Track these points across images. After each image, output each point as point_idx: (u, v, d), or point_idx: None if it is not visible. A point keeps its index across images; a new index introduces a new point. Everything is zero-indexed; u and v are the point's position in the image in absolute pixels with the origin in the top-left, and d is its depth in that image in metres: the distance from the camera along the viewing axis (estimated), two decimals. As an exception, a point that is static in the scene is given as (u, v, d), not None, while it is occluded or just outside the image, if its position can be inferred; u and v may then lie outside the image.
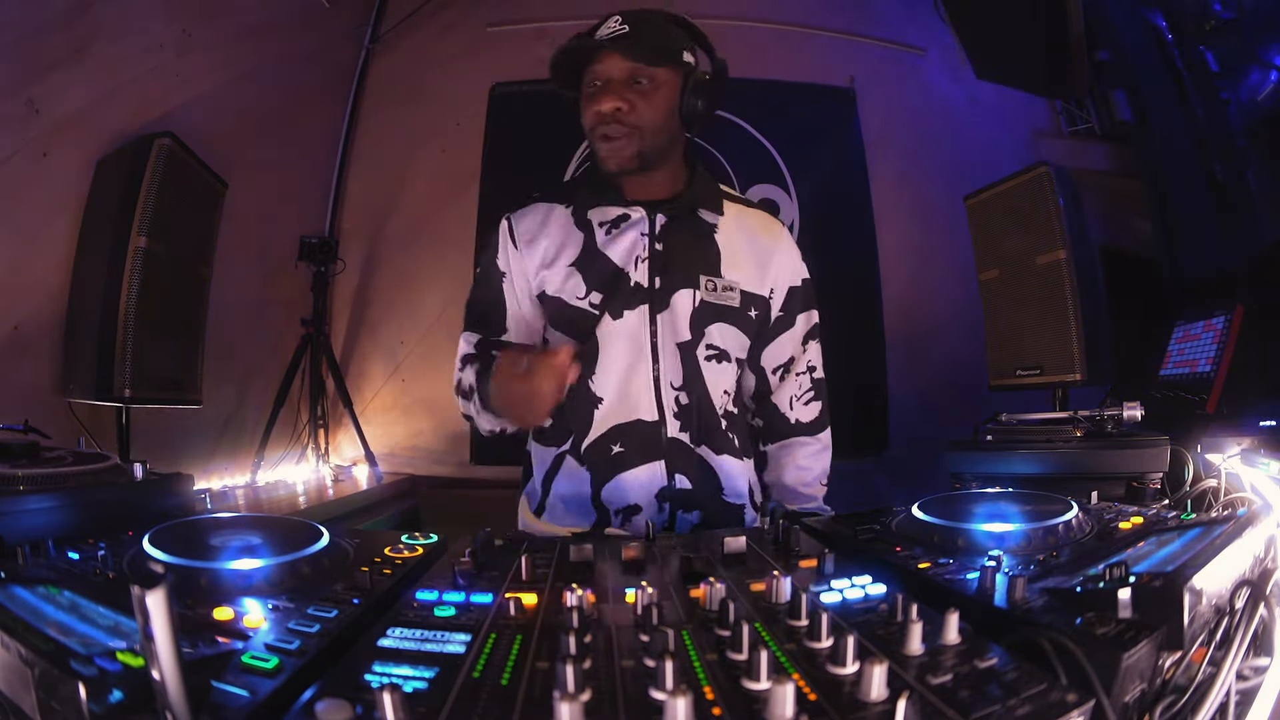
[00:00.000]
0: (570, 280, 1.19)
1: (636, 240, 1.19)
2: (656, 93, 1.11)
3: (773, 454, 1.34)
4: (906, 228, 3.34)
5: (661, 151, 1.16)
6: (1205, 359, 1.98)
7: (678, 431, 1.19)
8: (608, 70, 1.10)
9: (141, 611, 0.36)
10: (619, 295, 1.18)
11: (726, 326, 1.21)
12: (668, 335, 1.18)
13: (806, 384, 1.34)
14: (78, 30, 1.96)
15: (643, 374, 1.18)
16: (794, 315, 1.31)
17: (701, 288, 1.19)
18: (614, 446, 1.19)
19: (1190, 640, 0.52)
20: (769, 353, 1.31)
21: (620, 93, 1.09)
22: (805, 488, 1.31)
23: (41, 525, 0.79)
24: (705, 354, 1.20)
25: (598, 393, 1.19)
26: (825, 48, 3.36)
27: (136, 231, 1.95)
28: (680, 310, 1.18)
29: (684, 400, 1.19)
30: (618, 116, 1.10)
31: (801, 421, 1.32)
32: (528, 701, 0.43)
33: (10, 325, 1.95)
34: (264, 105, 2.78)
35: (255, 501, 2.14)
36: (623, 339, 1.17)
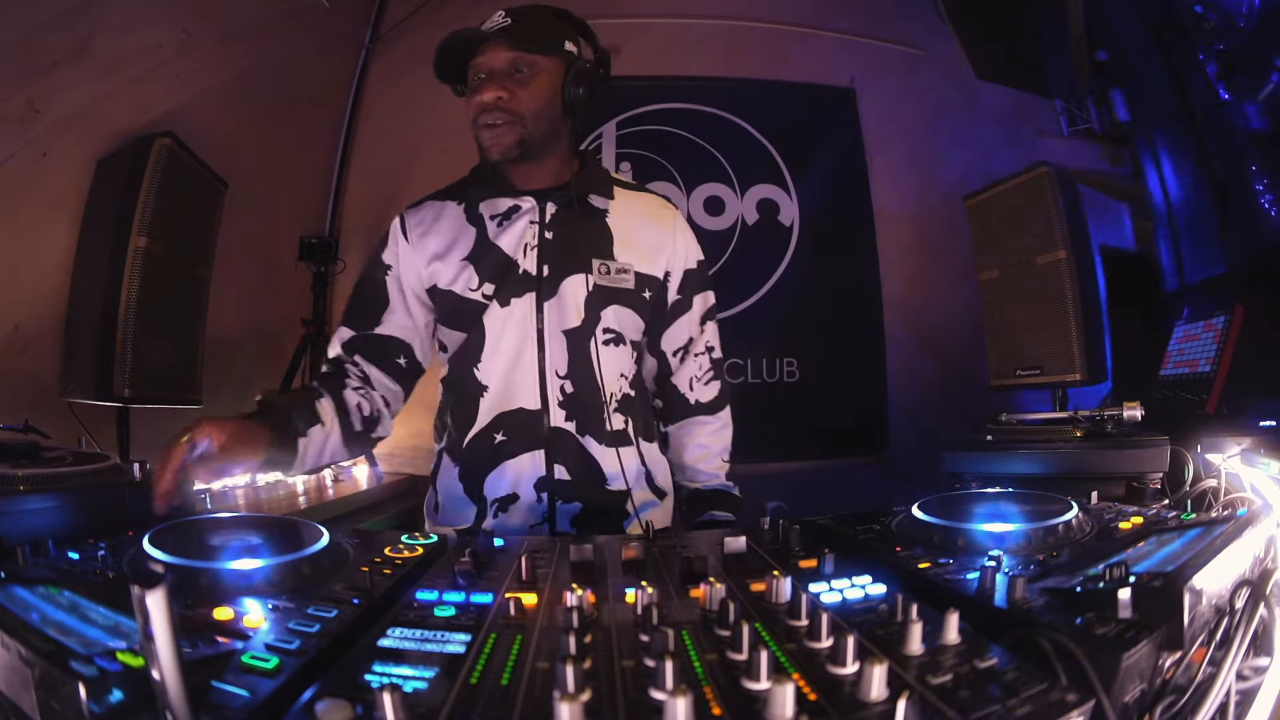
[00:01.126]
0: (463, 273, 1.19)
1: (525, 229, 1.20)
2: (536, 80, 1.12)
3: (674, 434, 1.36)
4: (906, 228, 3.34)
5: (544, 139, 1.16)
6: (1205, 359, 1.98)
7: (562, 421, 1.19)
8: (489, 62, 1.12)
9: (141, 611, 0.36)
10: (508, 284, 1.18)
11: (622, 309, 1.22)
12: (554, 323, 1.18)
13: (706, 364, 1.34)
14: (78, 30, 1.96)
15: (528, 362, 1.18)
16: (690, 297, 1.31)
17: (594, 271, 1.19)
18: (497, 435, 1.19)
19: (1190, 640, 0.52)
20: (668, 335, 1.31)
21: (501, 82, 1.11)
22: (706, 464, 1.33)
23: (41, 525, 0.79)
24: (603, 338, 1.20)
25: (483, 380, 1.20)
26: (825, 48, 3.36)
27: (136, 231, 1.94)
28: (570, 297, 1.19)
29: (569, 389, 1.19)
30: (499, 104, 1.11)
31: (701, 401, 1.33)
32: (528, 701, 0.43)
33: (10, 325, 1.95)
34: (264, 105, 2.78)
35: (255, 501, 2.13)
36: (509, 326, 1.18)
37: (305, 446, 1.05)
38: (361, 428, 1.16)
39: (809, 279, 3.26)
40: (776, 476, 3.12)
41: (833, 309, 3.27)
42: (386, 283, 1.23)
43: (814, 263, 3.27)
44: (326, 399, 1.12)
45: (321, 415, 1.09)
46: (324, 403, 1.11)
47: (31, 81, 1.88)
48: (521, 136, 1.13)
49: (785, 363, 3.22)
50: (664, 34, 3.26)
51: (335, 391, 1.14)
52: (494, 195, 1.22)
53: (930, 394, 3.24)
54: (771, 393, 3.19)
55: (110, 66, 2.08)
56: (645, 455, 1.28)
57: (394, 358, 1.23)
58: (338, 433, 1.11)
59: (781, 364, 3.22)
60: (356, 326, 1.23)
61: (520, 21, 1.11)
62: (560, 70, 1.15)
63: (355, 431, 1.14)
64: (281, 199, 3.08)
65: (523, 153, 1.14)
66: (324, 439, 1.09)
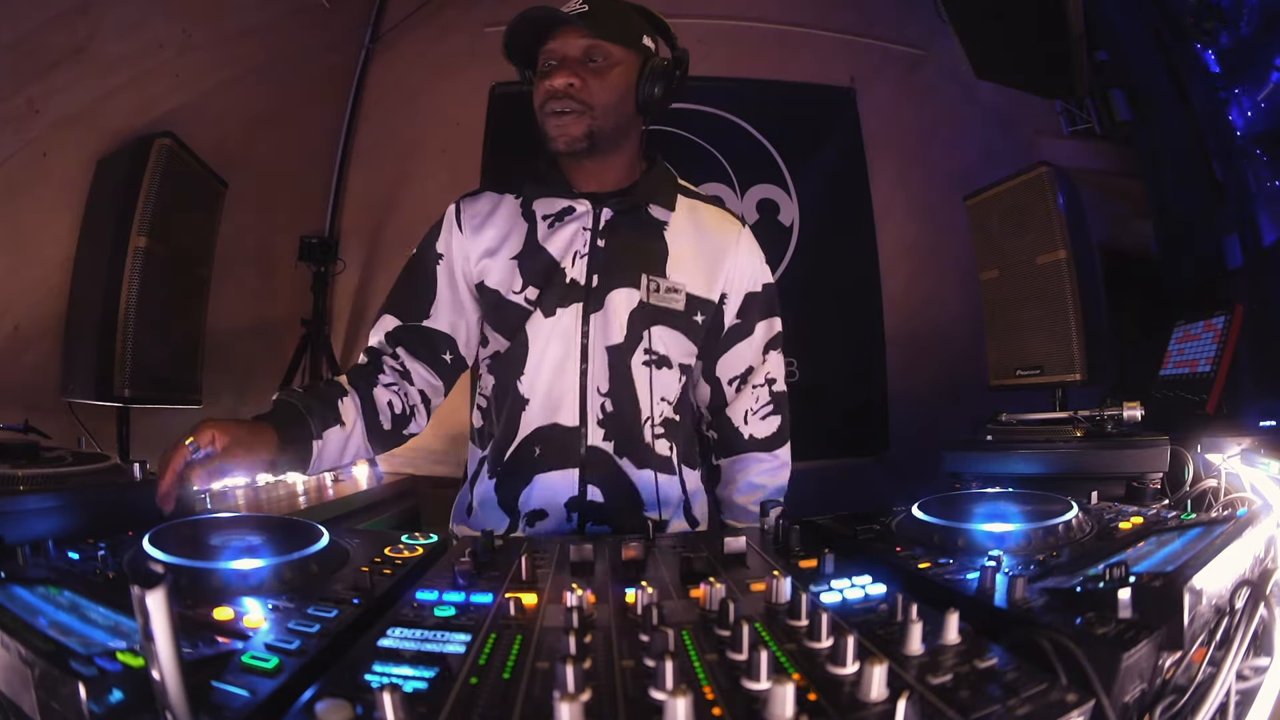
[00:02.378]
0: (510, 273, 1.14)
1: (577, 234, 1.14)
2: (611, 72, 1.07)
3: (725, 468, 1.28)
4: (906, 228, 3.34)
5: (613, 136, 1.10)
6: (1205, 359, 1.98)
7: (600, 440, 1.13)
8: (563, 47, 1.06)
9: (141, 611, 0.36)
10: (552, 291, 1.12)
11: (668, 330, 1.15)
12: (599, 337, 1.12)
13: (765, 397, 1.25)
14: (78, 30, 1.96)
15: (570, 376, 1.13)
16: (752, 323, 1.23)
17: (643, 288, 1.13)
18: (536, 449, 1.14)
19: (1190, 640, 0.52)
20: (724, 362, 1.23)
21: (574, 69, 1.05)
22: (755, 506, 1.22)
23: (41, 525, 0.79)
24: (643, 359, 1.14)
25: (525, 394, 1.14)
26: (825, 48, 3.36)
27: (136, 231, 1.94)
28: (615, 311, 1.12)
29: (609, 408, 1.13)
30: (569, 92, 1.05)
31: (755, 437, 1.25)
32: (528, 701, 0.43)
33: (10, 325, 1.95)
34: (264, 105, 2.78)
35: (255, 501, 2.13)
36: (554, 338, 1.12)
37: (320, 449, 1.02)
38: (391, 426, 1.11)
39: (809, 279, 3.25)
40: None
41: (833, 309, 3.27)
42: (437, 272, 1.18)
43: (814, 263, 3.27)
44: (351, 397, 1.07)
45: (343, 415, 1.05)
46: (347, 402, 1.06)
47: (31, 81, 1.88)
48: (590, 128, 1.07)
49: (785, 363, 3.22)
50: (664, 34, 3.26)
51: (364, 389, 1.09)
52: (550, 194, 1.16)
53: (930, 394, 3.24)
54: (771, 393, 3.19)
55: (110, 66, 2.08)
56: (686, 483, 1.22)
57: (439, 352, 1.17)
58: (360, 432, 1.07)
59: (781, 364, 3.22)
60: (402, 316, 1.17)
61: (599, 9, 1.05)
62: (636, 65, 1.09)
63: (383, 430, 1.10)
64: (281, 199, 3.08)
65: (590, 146, 1.08)
66: (343, 440, 1.05)
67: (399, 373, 1.15)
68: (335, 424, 1.04)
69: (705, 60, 3.29)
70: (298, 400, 1.02)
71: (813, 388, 3.23)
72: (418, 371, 1.16)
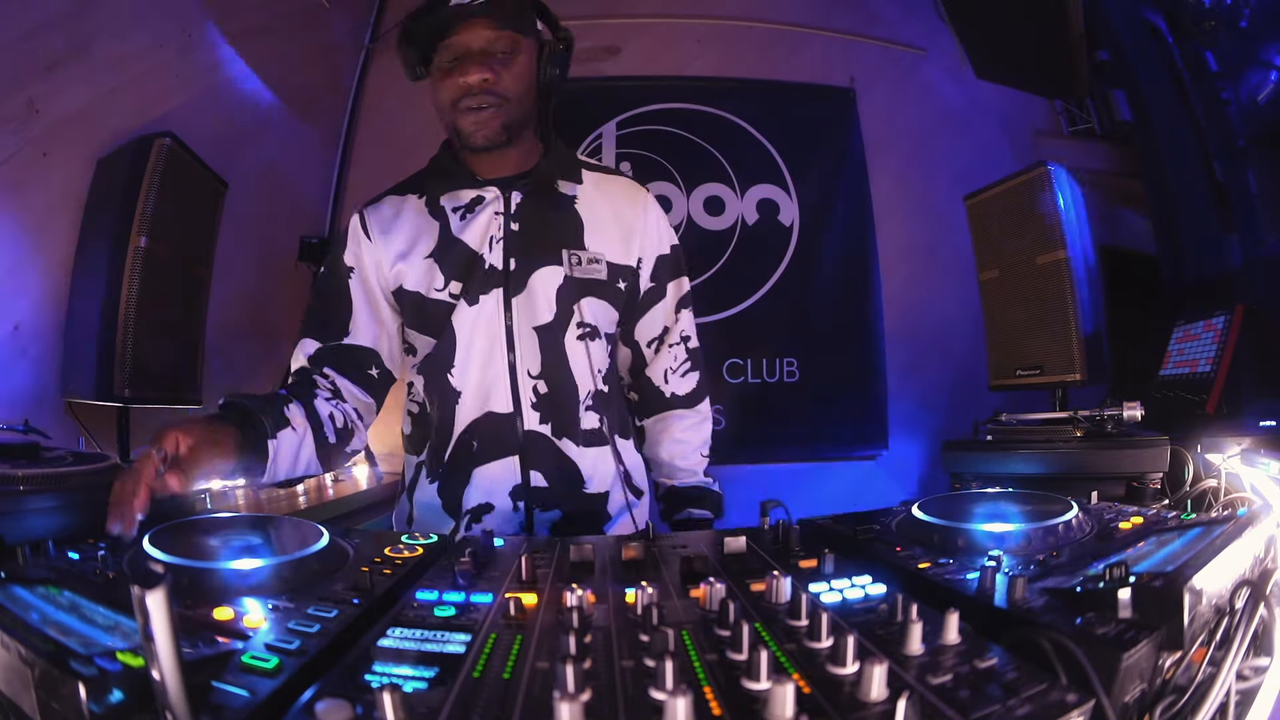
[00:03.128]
0: (428, 272, 1.13)
1: (490, 220, 1.13)
2: (518, 61, 1.06)
3: (650, 428, 1.30)
4: (906, 228, 3.34)
5: (523, 124, 1.11)
6: (1205, 359, 1.98)
7: (537, 424, 1.13)
8: (468, 40, 1.04)
9: (141, 611, 0.36)
10: (474, 280, 1.12)
11: (596, 301, 1.15)
12: (524, 319, 1.12)
13: (682, 354, 1.27)
14: (78, 30, 1.96)
15: (498, 363, 1.12)
16: (664, 284, 1.25)
17: (566, 263, 1.13)
18: (474, 442, 1.13)
19: (1190, 640, 0.52)
20: (642, 325, 1.25)
21: (486, 63, 1.03)
22: (684, 460, 1.27)
23: (41, 525, 0.79)
24: (577, 334, 1.14)
25: (456, 387, 1.13)
26: (825, 48, 3.36)
27: (136, 231, 1.94)
28: (540, 291, 1.12)
29: (543, 389, 1.13)
30: (485, 87, 1.04)
31: (677, 394, 1.27)
32: (528, 701, 0.43)
33: (10, 325, 1.95)
34: (264, 105, 2.78)
35: (255, 501, 2.13)
36: (478, 326, 1.12)
37: (276, 450, 0.97)
38: (335, 439, 1.08)
39: (809, 279, 3.25)
40: (776, 476, 3.12)
41: (833, 309, 3.27)
42: (350, 287, 1.15)
43: (814, 263, 3.27)
44: (297, 405, 1.03)
45: (292, 420, 1.00)
46: (294, 408, 1.02)
47: (31, 81, 1.88)
48: (506, 120, 1.07)
49: (785, 363, 3.22)
50: (664, 34, 3.26)
51: (305, 399, 1.06)
52: (455, 187, 1.15)
53: (930, 394, 3.24)
54: (771, 393, 3.19)
55: (110, 66, 2.08)
56: (622, 454, 1.22)
57: (365, 369, 1.15)
58: (310, 441, 1.03)
59: (781, 364, 3.22)
60: (322, 337, 1.15)
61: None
62: (534, 50, 1.09)
63: (329, 443, 1.06)
64: (281, 199, 3.08)
65: (508, 138, 1.08)
66: (296, 445, 1.00)
67: (332, 389, 1.12)
68: (286, 427, 0.99)
69: (705, 60, 3.30)
70: (247, 402, 0.98)
71: (813, 388, 3.24)
72: (348, 389, 1.14)
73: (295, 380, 1.13)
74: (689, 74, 3.27)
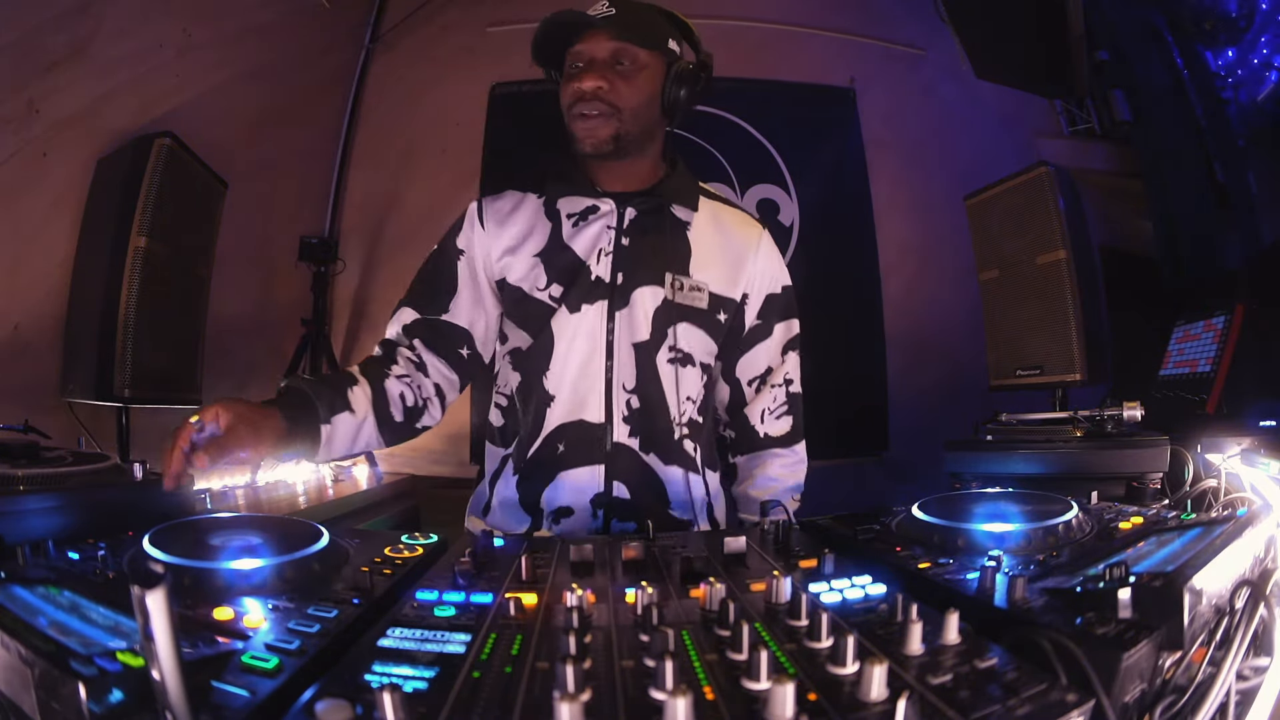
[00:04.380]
0: (533, 270, 1.15)
1: (601, 233, 1.15)
2: (639, 75, 1.08)
3: (743, 465, 1.29)
4: (906, 228, 3.34)
5: (639, 138, 1.12)
6: (1205, 359, 1.98)
7: (626, 437, 1.14)
8: (591, 50, 1.07)
9: (141, 611, 0.36)
10: (577, 288, 1.13)
11: (692, 329, 1.16)
12: (624, 334, 1.14)
13: (781, 397, 1.27)
14: (78, 30, 1.96)
15: (595, 373, 1.13)
16: (771, 324, 1.25)
17: (667, 286, 1.14)
18: (559, 445, 1.14)
19: (1190, 640, 0.52)
20: (744, 363, 1.25)
21: (602, 72, 1.06)
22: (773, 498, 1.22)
23: (41, 525, 0.79)
24: (668, 356, 1.15)
25: (550, 391, 1.14)
26: (825, 48, 3.36)
27: (136, 231, 1.94)
28: (640, 308, 1.14)
29: (635, 404, 1.14)
30: (598, 94, 1.06)
31: (770, 435, 1.26)
32: (528, 701, 0.43)
33: (10, 325, 1.95)
34: (264, 105, 2.78)
35: (255, 501, 2.13)
36: (579, 335, 1.13)
37: (330, 434, 0.99)
38: (403, 418, 1.09)
39: (809, 279, 3.24)
40: (776, 476, 3.12)
41: (833, 309, 3.27)
42: (458, 267, 1.18)
43: (814, 263, 3.27)
44: (362, 386, 1.06)
45: (353, 403, 1.03)
46: (357, 390, 1.05)
47: (31, 81, 1.88)
48: (617, 131, 1.08)
49: (785, 363, 3.22)
50: (664, 34, 3.26)
51: (375, 379, 1.08)
52: (573, 193, 1.17)
53: (930, 394, 3.24)
54: (771, 393, 3.19)
55: (110, 66, 2.08)
56: (709, 485, 1.23)
57: (457, 347, 1.17)
58: (372, 422, 1.05)
59: (781, 364, 3.22)
60: (421, 309, 1.17)
61: (626, 11, 1.07)
62: (662, 68, 1.11)
63: (395, 421, 1.09)
64: (281, 199, 3.08)
65: (616, 148, 1.09)
66: (355, 427, 1.03)
67: (415, 364, 1.14)
68: (344, 410, 1.02)
69: (705, 60, 3.30)
70: (305, 385, 1.01)
71: (813, 388, 3.21)
72: (434, 365, 1.15)
73: (378, 353, 1.15)
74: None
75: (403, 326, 1.17)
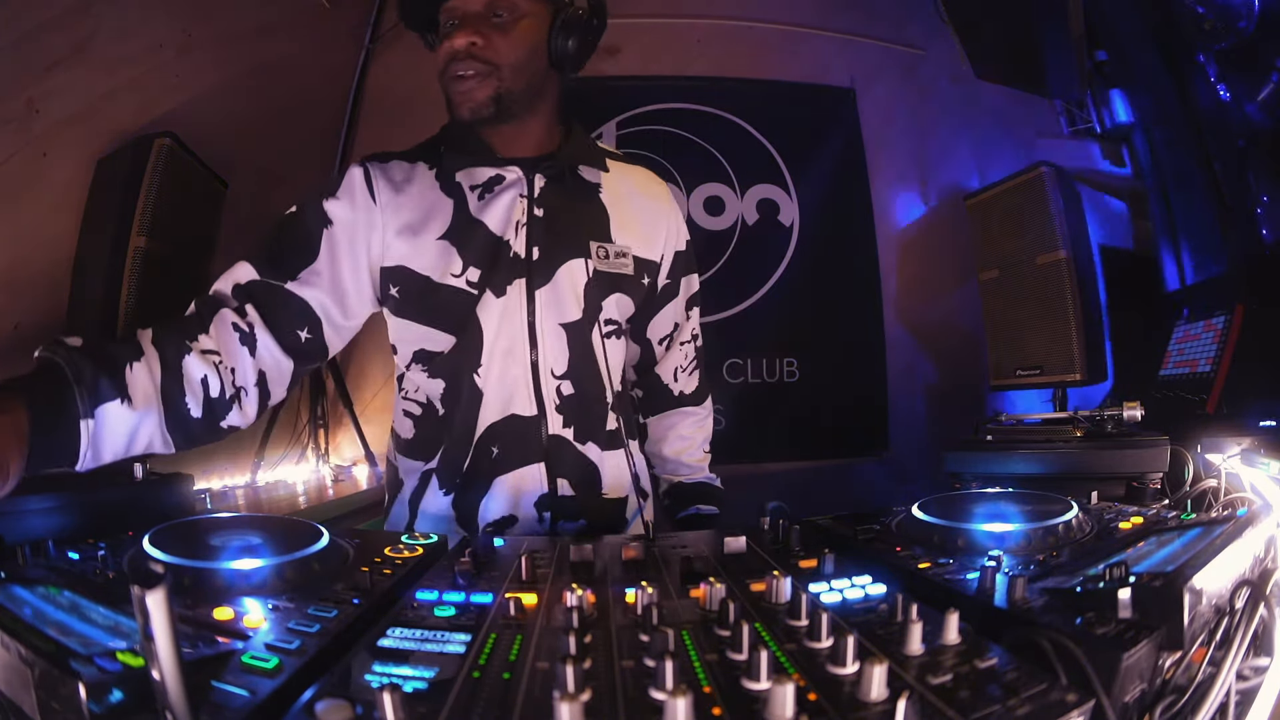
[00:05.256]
0: (443, 255, 1.01)
1: (514, 202, 1.03)
2: (518, 26, 0.97)
3: (654, 425, 1.26)
4: (906, 228, 3.35)
5: (525, 96, 1.01)
6: (1205, 359, 1.99)
7: (560, 427, 1.05)
8: (464, 4, 0.96)
9: (141, 611, 0.36)
10: (500, 268, 1.02)
11: (623, 297, 1.09)
12: (549, 314, 1.04)
13: (691, 354, 1.24)
14: (78, 30, 1.96)
15: (519, 360, 1.03)
16: (678, 281, 1.20)
17: (594, 256, 1.05)
18: (493, 449, 1.04)
19: (1190, 640, 0.52)
20: (655, 322, 1.21)
21: (476, 26, 0.95)
22: (689, 456, 1.25)
23: (41, 525, 0.79)
24: (604, 330, 1.07)
25: (481, 388, 1.03)
26: (825, 48, 3.36)
27: (136, 231, 1.94)
28: (568, 285, 1.04)
29: (567, 390, 1.05)
30: (472, 52, 0.95)
31: (685, 393, 1.25)
32: (528, 701, 0.43)
33: (10, 325, 1.95)
34: (264, 105, 2.78)
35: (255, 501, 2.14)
36: (504, 320, 1.03)
37: (92, 433, 0.73)
38: (201, 412, 0.83)
39: (809, 279, 3.26)
40: (776, 476, 3.12)
41: (833, 309, 3.27)
42: (322, 236, 0.99)
43: (814, 263, 3.27)
44: (147, 364, 0.79)
45: (131, 389, 0.76)
46: (139, 370, 0.78)
47: (31, 82, 1.88)
48: (497, 91, 0.97)
49: (785, 363, 3.23)
50: (664, 34, 3.27)
51: (171, 353, 0.81)
52: (473, 163, 1.05)
53: (930, 394, 3.25)
54: (771, 393, 3.19)
55: (110, 66, 2.08)
56: (633, 456, 1.16)
57: (296, 326, 0.95)
58: (156, 417, 0.79)
59: (781, 364, 3.22)
60: (263, 269, 0.95)
61: None
62: (546, 16, 0.99)
63: (189, 418, 0.82)
64: (281, 199, 3.07)
65: (498, 111, 0.98)
66: (132, 423, 0.76)
67: (240, 335, 0.89)
68: (116, 398, 0.75)
69: (706, 60, 3.30)
70: (64, 358, 0.73)
71: (813, 388, 3.24)
72: (265, 342, 0.92)
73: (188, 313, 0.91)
74: (689, 74, 3.27)
75: (235, 284, 0.94)
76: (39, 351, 0.75)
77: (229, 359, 0.88)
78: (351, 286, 1.01)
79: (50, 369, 0.74)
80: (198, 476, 1.61)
